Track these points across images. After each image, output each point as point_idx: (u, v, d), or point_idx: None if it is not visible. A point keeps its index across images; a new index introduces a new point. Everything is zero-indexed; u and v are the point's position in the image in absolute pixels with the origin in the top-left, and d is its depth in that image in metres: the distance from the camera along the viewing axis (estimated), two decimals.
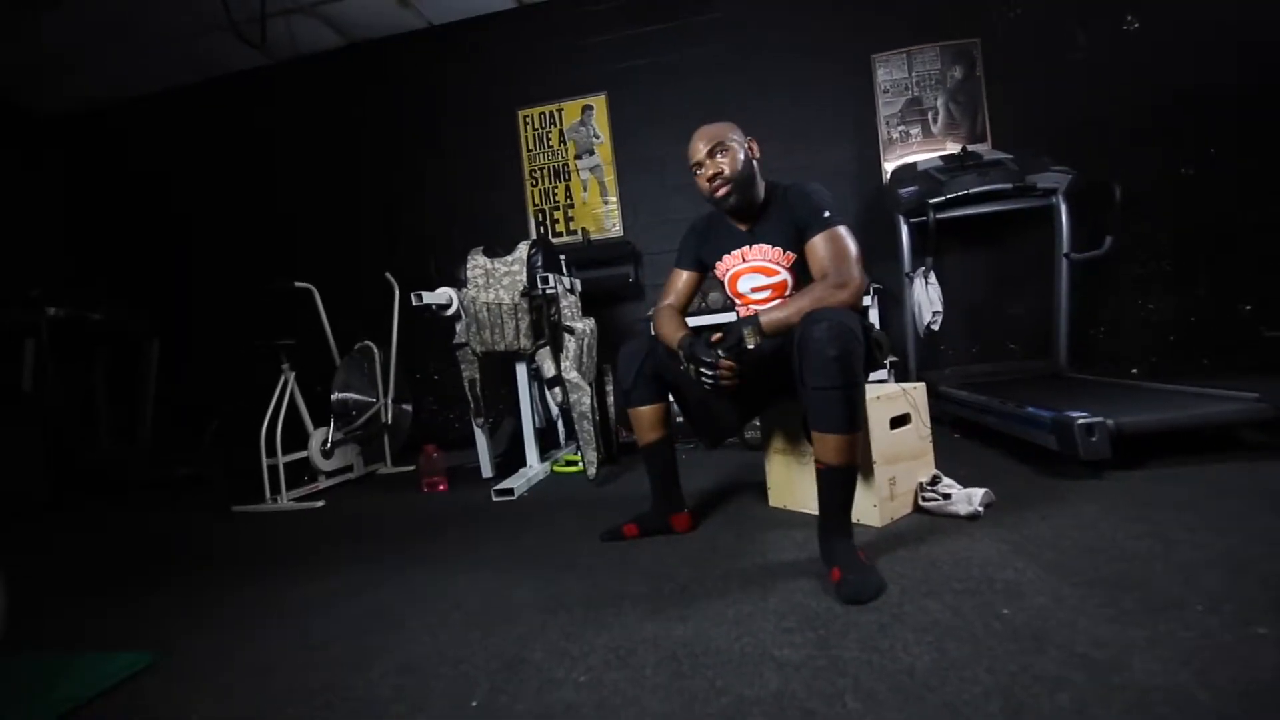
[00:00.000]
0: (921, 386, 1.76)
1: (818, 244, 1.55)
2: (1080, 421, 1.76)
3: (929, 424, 1.75)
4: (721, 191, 1.61)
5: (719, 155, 1.61)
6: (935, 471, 1.72)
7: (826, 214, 1.55)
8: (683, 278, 1.81)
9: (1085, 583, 1.14)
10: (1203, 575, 1.12)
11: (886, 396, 1.64)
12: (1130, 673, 0.86)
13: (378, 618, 1.35)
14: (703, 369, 1.47)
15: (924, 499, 1.65)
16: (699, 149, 1.63)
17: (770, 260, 1.64)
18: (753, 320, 1.47)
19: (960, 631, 1.02)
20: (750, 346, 1.46)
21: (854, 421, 1.33)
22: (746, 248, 1.68)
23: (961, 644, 0.98)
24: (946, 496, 1.62)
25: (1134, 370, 3.21)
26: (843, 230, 1.55)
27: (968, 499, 1.59)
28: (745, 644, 1.06)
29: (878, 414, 1.60)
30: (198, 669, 1.20)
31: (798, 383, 1.36)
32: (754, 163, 1.65)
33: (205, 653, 1.27)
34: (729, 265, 1.72)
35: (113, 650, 1.29)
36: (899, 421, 1.66)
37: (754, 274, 1.67)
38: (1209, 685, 0.81)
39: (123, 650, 1.28)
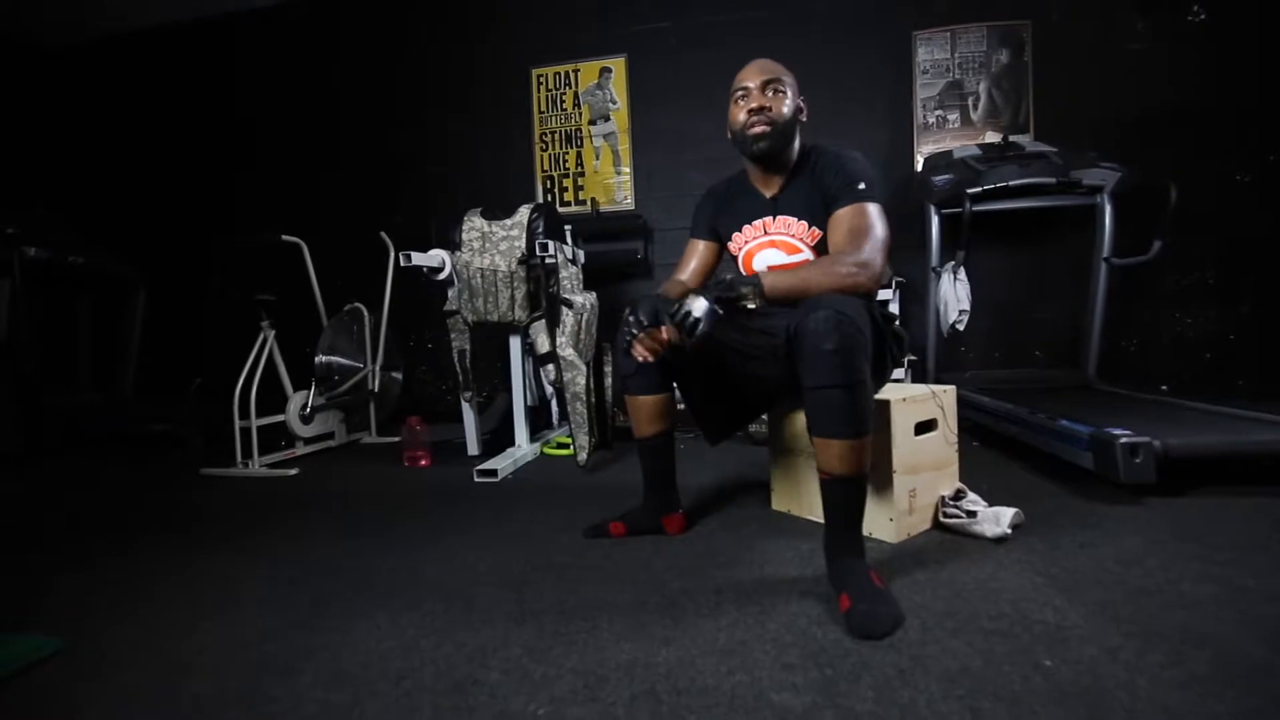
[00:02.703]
0: (951, 390, 1.59)
1: (843, 216, 1.36)
2: (1124, 440, 1.58)
3: (957, 430, 1.58)
4: (757, 129, 1.41)
5: (770, 91, 1.41)
6: (960, 485, 1.55)
7: (861, 186, 1.36)
8: (698, 249, 1.62)
9: (1140, 633, 0.97)
10: None
11: (913, 399, 1.46)
12: None
13: (323, 611, 1.19)
14: (630, 331, 1.27)
15: (946, 515, 1.48)
16: (752, 75, 1.43)
17: (794, 236, 1.46)
18: (754, 281, 1.25)
19: (995, 686, 0.85)
20: (750, 306, 1.24)
21: (859, 425, 1.14)
22: (769, 218, 1.49)
23: (999, 703, 0.82)
24: (971, 514, 1.45)
25: (1164, 387, 3.01)
26: (875, 209, 1.36)
27: (995, 519, 1.42)
28: (738, 681, 0.89)
29: (901, 418, 1.42)
30: (110, 660, 1.05)
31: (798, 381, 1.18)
32: (799, 120, 1.47)
33: (123, 641, 1.11)
34: (747, 238, 1.53)
35: (19, 631, 1.13)
36: (924, 428, 1.49)
37: (772, 250, 1.49)
38: None
39: (31, 632, 1.12)
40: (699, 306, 1.19)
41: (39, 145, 4.26)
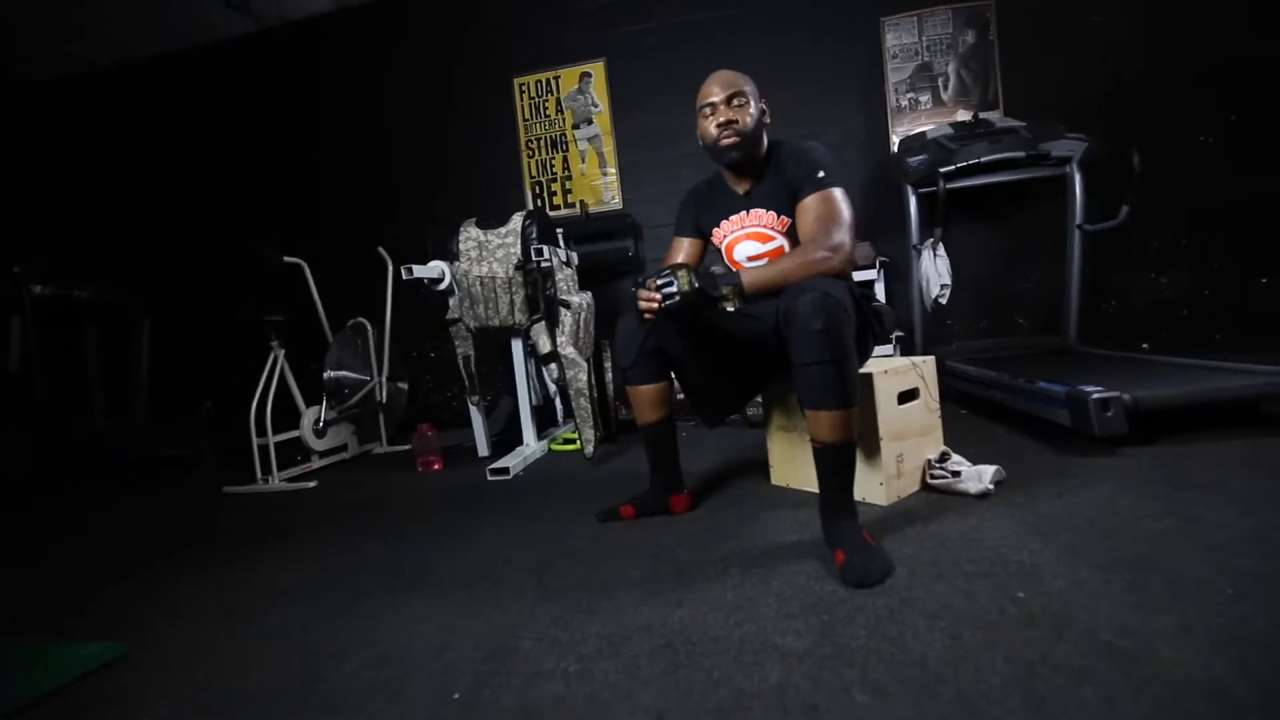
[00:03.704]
0: (930, 360, 1.69)
1: (809, 205, 1.46)
2: (1095, 396, 1.69)
3: (938, 398, 1.68)
4: (728, 141, 1.52)
5: (735, 103, 1.52)
6: (944, 448, 1.65)
7: (821, 174, 1.46)
8: (683, 245, 1.73)
9: (1105, 565, 1.08)
10: (1231, 557, 1.05)
11: (894, 371, 1.56)
12: (1160, 663, 0.80)
13: (360, 604, 1.29)
14: (639, 292, 1.38)
15: (933, 477, 1.59)
16: (715, 91, 1.53)
17: (766, 226, 1.56)
18: (735, 278, 1.36)
19: (974, 617, 0.96)
20: (729, 309, 1.36)
21: (847, 396, 1.25)
22: (744, 213, 1.59)
23: (976, 630, 0.92)
24: (956, 474, 1.55)
25: (1145, 345, 3.12)
26: (837, 193, 1.46)
27: (978, 476, 1.52)
28: (745, 631, 1.00)
29: (885, 389, 1.52)
30: (172, 660, 1.15)
31: (788, 359, 1.29)
32: (763, 125, 1.57)
33: (181, 642, 1.22)
34: (726, 232, 1.63)
35: (87, 639, 1.23)
36: (907, 397, 1.59)
37: (750, 241, 1.59)
38: (1248, 676, 0.75)
39: (97, 639, 1.22)
40: (681, 284, 1.31)
41: (39, 178, 4.34)
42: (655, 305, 1.35)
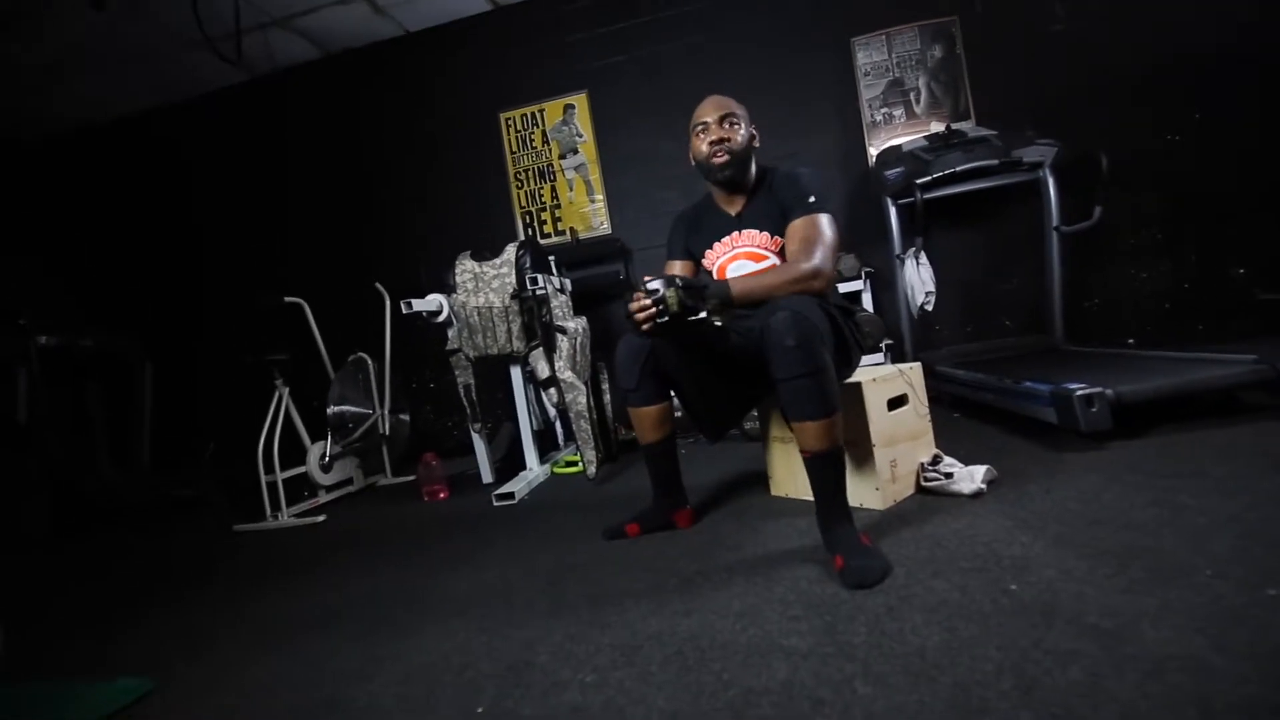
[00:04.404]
0: (917, 366, 1.75)
1: (797, 227, 1.54)
2: (1079, 393, 1.74)
3: (927, 403, 1.74)
4: (720, 159, 1.60)
5: (727, 124, 1.61)
6: (936, 451, 1.71)
7: (811, 199, 1.53)
8: (675, 269, 1.79)
9: (1092, 554, 1.13)
10: (1211, 540, 1.10)
11: (882, 378, 1.62)
12: (1143, 642, 0.84)
13: (380, 629, 1.33)
14: (630, 305, 1.38)
15: (926, 479, 1.64)
16: (709, 111, 1.62)
17: (759, 246, 1.63)
18: (724, 288, 1.43)
19: (969, 610, 1.01)
20: (718, 324, 1.40)
21: (827, 406, 1.30)
22: (736, 233, 1.66)
23: (970, 622, 0.97)
24: (949, 476, 1.60)
25: (1130, 340, 3.20)
26: (824, 218, 1.53)
27: (970, 477, 1.57)
28: (751, 635, 1.04)
29: (875, 396, 1.58)
30: (200, 691, 1.18)
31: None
32: (753, 148, 1.65)
33: (207, 674, 1.25)
34: (719, 254, 1.70)
35: (114, 677, 1.26)
36: (896, 403, 1.65)
37: (743, 260, 1.66)
38: (1223, 650, 0.80)
39: (124, 676, 1.26)
40: (670, 303, 1.33)
41: (39, 231, 4.41)
42: (650, 311, 1.35)
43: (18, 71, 3.58)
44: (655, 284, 1.37)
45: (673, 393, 1.68)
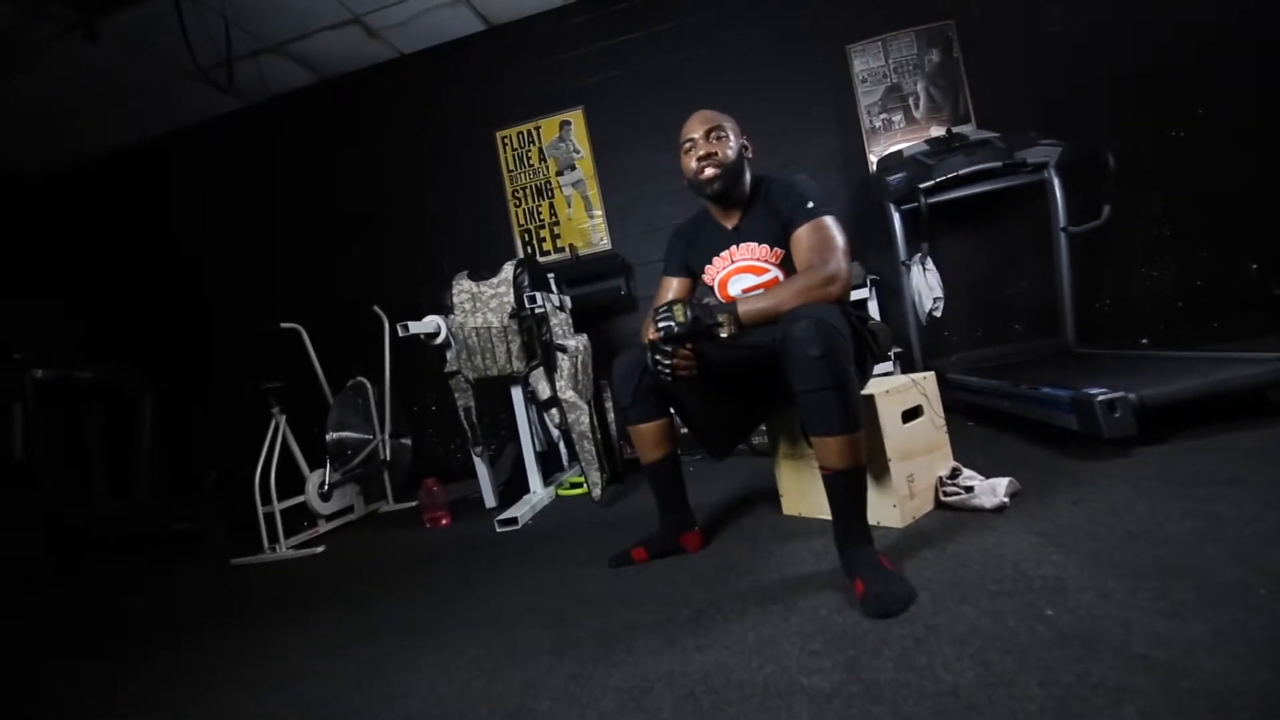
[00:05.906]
0: (931, 375, 1.68)
1: (802, 235, 1.48)
2: (1101, 398, 1.67)
3: (943, 414, 1.67)
4: (708, 174, 1.55)
5: (714, 138, 1.55)
6: (955, 464, 1.63)
7: (810, 204, 1.48)
8: (672, 285, 1.74)
9: (1131, 573, 1.05)
10: (1260, 554, 1.03)
11: (895, 390, 1.56)
12: (1201, 675, 0.77)
13: (376, 669, 1.26)
14: (659, 359, 1.37)
15: (945, 494, 1.56)
16: (695, 127, 1.58)
17: (759, 259, 1.57)
18: (730, 308, 1.38)
19: (1003, 640, 0.93)
20: (724, 335, 1.37)
21: (851, 421, 1.24)
22: (734, 247, 1.61)
23: (1006, 655, 0.89)
24: (969, 490, 1.53)
25: (1144, 340, 3.12)
26: (829, 220, 1.48)
27: (992, 490, 1.50)
28: (769, 673, 0.97)
29: (888, 409, 1.51)
30: None
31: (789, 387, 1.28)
32: (745, 159, 1.60)
33: (202, 718, 1.18)
34: (718, 269, 1.64)
35: None
36: (911, 415, 1.58)
37: (744, 274, 1.60)
38: None
39: None
40: (676, 317, 1.35)
41: (37, 263, 4.40)
42: (689, 366, 1.38)
43: (9, 107, 3.58)
44: (664, 312, 1.36)
45: (673, 409, 1.61)
